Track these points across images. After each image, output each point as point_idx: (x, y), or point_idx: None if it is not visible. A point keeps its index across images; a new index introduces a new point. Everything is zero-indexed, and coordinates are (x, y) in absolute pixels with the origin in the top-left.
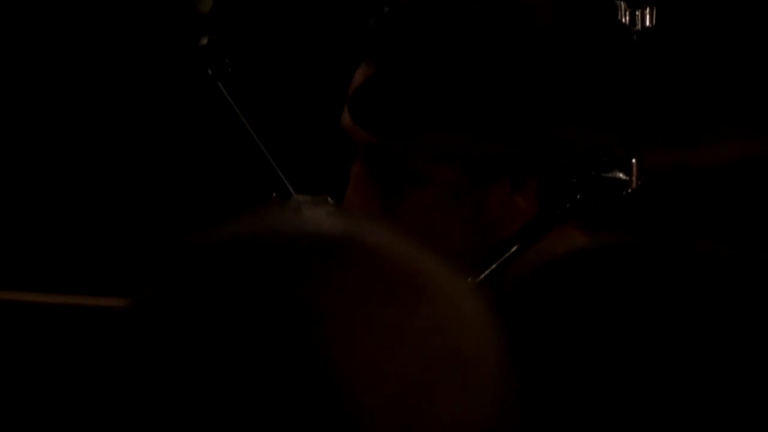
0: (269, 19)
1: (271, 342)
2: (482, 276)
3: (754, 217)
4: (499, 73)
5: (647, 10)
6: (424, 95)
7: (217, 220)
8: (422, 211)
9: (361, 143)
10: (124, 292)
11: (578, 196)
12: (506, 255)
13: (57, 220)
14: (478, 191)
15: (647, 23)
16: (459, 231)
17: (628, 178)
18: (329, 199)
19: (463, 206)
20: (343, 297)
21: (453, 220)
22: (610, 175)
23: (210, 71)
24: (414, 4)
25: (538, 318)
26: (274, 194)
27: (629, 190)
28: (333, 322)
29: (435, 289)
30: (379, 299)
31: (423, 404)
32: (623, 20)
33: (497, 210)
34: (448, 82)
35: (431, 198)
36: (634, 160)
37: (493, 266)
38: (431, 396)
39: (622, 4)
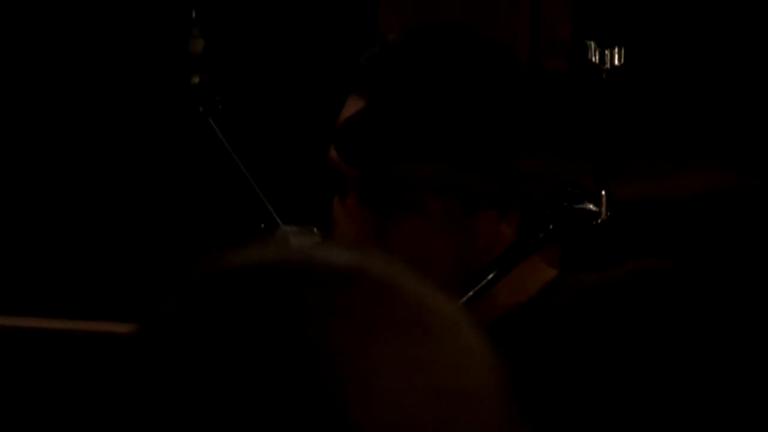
0: (257, 60)
1: (278, 373)
2: (461, 301)
3: (717, 244)
4: (480, 108)
5: (616, 50)
6: (410, 128)
7: (210, 249)
8: (413, 240)
9: (349, 175)
10: (131, 319)
11: (551, 227)
12: (483, 282)
13: (61, 249)
14: (468, 220)
15: (616, 62)
16: (448, 258)
17: (597, 209)
18: (315, 229)
19: (453, 234)
20: (353, 329)
21: (443, 247)
22: (580, 206)
23: (201, 108)
24: (403, 43)
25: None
26: (262, 225)
27: (599, 221)
28: (343, 355)
29: (442, 323)
30: (388, 332)
31: (433, 427)
32: (593, 59)
33: (485, 238)
34: (433, 116)
35: (422, 226)
36: (603, 192)
37: (471, 293)
38: (440, 419)
39: (592, 44)
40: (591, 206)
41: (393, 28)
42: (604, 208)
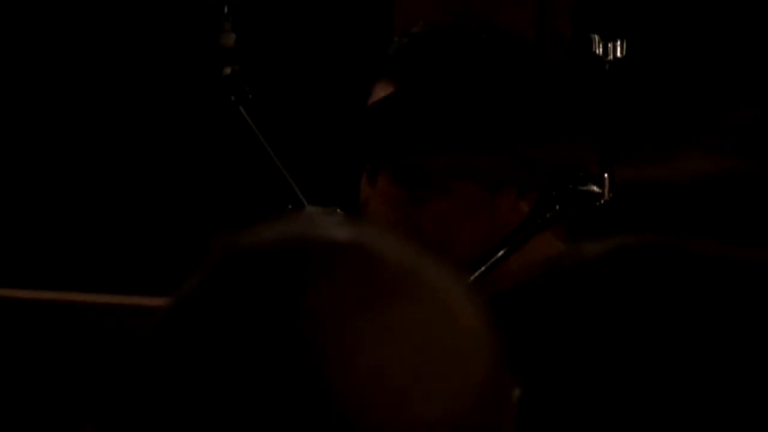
0: (283, 52)
1: (270, 344)
2: (473, 276)
3: (713, 226)
4: (499, 95)
5: (618, 43)
6: (433, 113)
7: (240, 228)
8: (440, 218)
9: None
10: (162, 292)
11: (557, 207)
12: (494, 258)
13: (97, 226)
14: (490, 199)
15: (618, 54)
16: (472, 234)
17: (600, 191)
18: (338, 210)
19: (477, 213)
20: (344, 297)
21: (468, 224)
22: (584, 188)
23: (233, 97)
24: (430, 33)
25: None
26: (290, 205)
27: (602, 202)
28: (327, 324)
29: (430, 291)
30: (375, 299)
31: (407, 392)
32: (597, 51)
33: (506, 215)
34: (455, 101)
35: (449, 205)
36: (606, 175)
37: (483, 268)
38: (423, 389)
39: (596, 37)
40: (594, 188)
41: (408, 22)
42: (606, 190)
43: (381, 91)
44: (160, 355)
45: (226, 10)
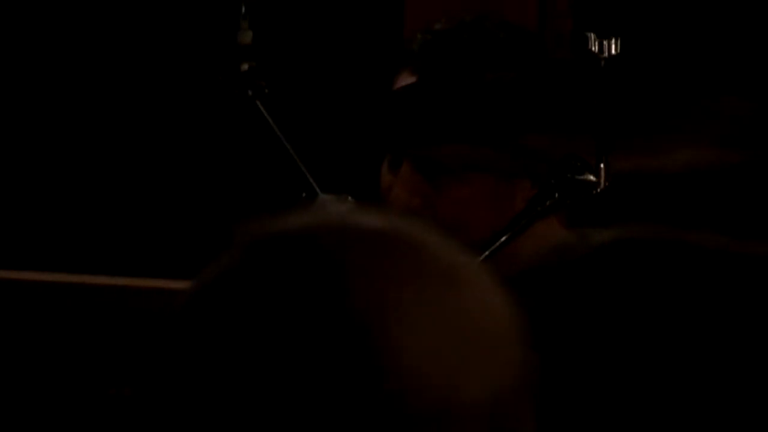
0: (298, 49)
1: (319, 326)
2: (480, 259)
3: (705, 215)
4: (512, 90)
5: (613, 41)
6: (450, 104)
7: (259, 214)
8: (461, 205)
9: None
10: (186, 276)
11: (556, 195)
12: (498, 243)
13: (122, 214)
14: (506, 188)
15: (613, 51)
16: (489, 221)
17: (596, 180)
18: (349, 198)
19: (495, 200)
20: (392, 283)
21: (485, 212)
22: (581, 177)
23: (250, 92)
24: (453, 30)
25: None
26: (304, 194)
27: (598, 190)
28: (376, 309)
29: (468, 279)
30: (416, 286)
31: (455, 375)
32: (593, 49)
33: (521, 203)
34: (468, 96)
35: (469, 194)
36: (602, 165)
37: (487, 252)
38: (462, 369)
39: (592, 35)
40: (591, 177)
41: (417, 20)
42: (602, 180)
43: (403, 82)
44: (203, 335)
45: (243, 9)
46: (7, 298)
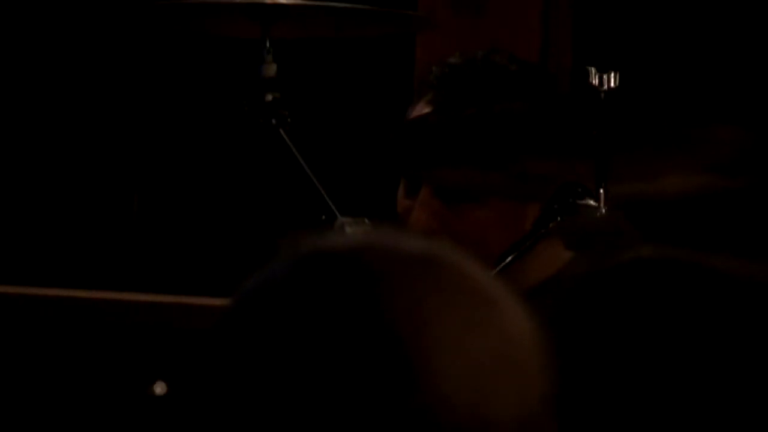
0: (318, 81)
1: (359, 342)
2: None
3: (696, 237)
4: (510, 121)
5: (612, 75)
6: (458, 132)
7: (285, 235)
8: (478, 227)
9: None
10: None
11: (558, 218)
12: (504, 262)
13: (157, 236)
14: (521, 210)
15: (612, 84)
16: (504, 242)
17: (597, 205)
18: (366, 220)
19: (510, 222)
20: (428, 301)
21: (500, 233)
22: (582, 202)
23: (274, 121)
24: (467, 63)
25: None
26: (323, 216)
27: (598, 215)
28: (415, 327)
29: (503, 301)
30: (458, 305)
31: (486, 394)
32: (593, 82)
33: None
34: (477, 124)
35: (486, 216)
36: (601, 191)
37: (494, 271)
38: (493, 388)
39: (593, 70)
40: (591, 202)
41: (428, 57)
42: (602, 204)
43: (419, 112)
44: (248, 341)
45: (267, 44)
46: (37, 314)
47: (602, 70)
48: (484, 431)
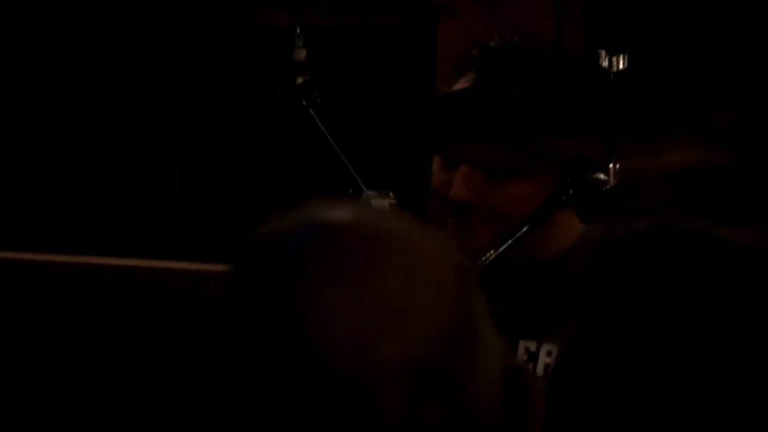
0: (346, 64)
1: (264, 308)
2: (501, 249)
3: (698, 210)
4: (529, 102)
5: (621, 57)
6: (484, 110)
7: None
8: (516, 200)
9: (466, 149)
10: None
11: (570, 191)
12: (519, 233)
13: (198, 207)
14: (553, 184)
15: (621, 66)
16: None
17: (607, 179)
18: (390, 193)
19: (542, 195)
20: (326, 267)
21: (534, 205)
22: (593, 176)
23: (304, 102)
24: (504, 46)
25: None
26: (351, 190)
27: (607, 188)
28: (317, 285)
29: (394, 262)
30: (347, 269)
31: (370, 340)
32: (604, 64)
33: None
34: (501, 104)
35: (523, 189)
36: (611, 165)
37: (509, 242)
38: (376, 335)
39: (603, 52)
40: (602, 176)
41: (449, 42)
42: (612, 178)
43: (460, 85)
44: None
45: (297, 31)
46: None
47: (612, 54)
48: (371, 371)
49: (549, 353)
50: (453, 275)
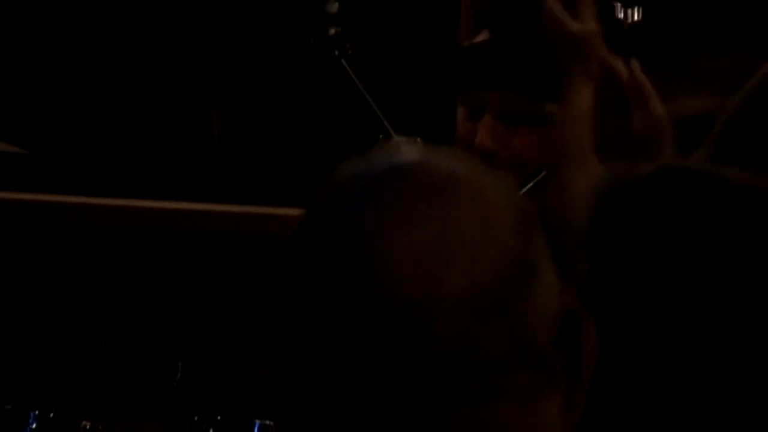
0: (375, 16)
1: (332, 247)
2: (522, 191)
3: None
4: (543, 55)
5: (636, 9)
6: (505, 60)
7: (343, 153)
8: (533, 148)
9: (489, 98)
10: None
11: None
12: (537, 178)
13: (234, 144)
14: None
15: (636, 18)
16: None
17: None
18: (418, 139)
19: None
20: (390, 207)
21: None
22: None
23: (336, 52)
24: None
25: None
26: (381, 136)
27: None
28: (379, 220)
29: (459, 194)
30: (412, 201)
31: (434, 270)
32: (619, 16)
33: None
34: (522, 56)
35: (541, 138)
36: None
37: (530, 184)
38: (440, 265)
39: (618, 5)
40: None
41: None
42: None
43: (482, 37)
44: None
45: None
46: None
47: (627, 6)
48: (434, 300)
49: None
50: (516, 215)
